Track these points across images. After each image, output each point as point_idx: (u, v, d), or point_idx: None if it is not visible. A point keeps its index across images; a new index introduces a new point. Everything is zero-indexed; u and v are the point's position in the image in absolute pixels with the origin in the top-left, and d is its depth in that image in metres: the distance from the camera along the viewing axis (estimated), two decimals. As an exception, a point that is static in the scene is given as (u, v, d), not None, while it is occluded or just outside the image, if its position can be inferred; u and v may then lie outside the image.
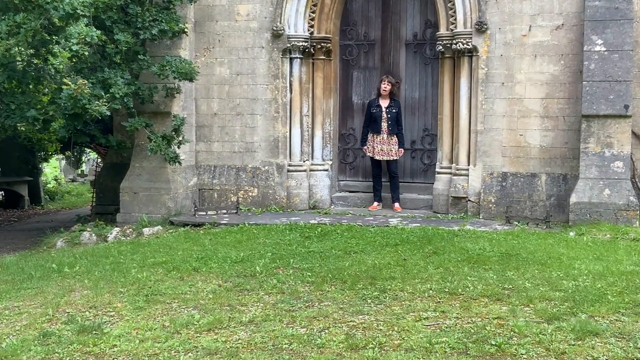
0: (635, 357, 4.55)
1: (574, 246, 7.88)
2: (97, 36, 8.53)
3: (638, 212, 9.00)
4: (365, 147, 10.78)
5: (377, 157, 10.69)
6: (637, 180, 9.60)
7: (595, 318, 5.29)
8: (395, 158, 10.65)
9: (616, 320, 5.25)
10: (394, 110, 10.63)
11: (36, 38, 8.72)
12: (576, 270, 6.68)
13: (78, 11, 8.43)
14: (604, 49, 9.30)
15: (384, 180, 10.89)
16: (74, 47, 8.34)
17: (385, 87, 10.58)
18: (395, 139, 10.64)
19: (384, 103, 10.64)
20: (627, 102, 9.17)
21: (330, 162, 11.30)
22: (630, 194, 9.05)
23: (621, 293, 5.87)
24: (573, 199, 9.20)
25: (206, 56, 11.06)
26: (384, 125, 10.60)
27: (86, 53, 8.60)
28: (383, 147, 10.63)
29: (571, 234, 8.70)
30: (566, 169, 9.81)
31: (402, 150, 10.73)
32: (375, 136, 10.66)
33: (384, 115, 10.60)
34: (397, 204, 10.70)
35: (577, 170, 9.47)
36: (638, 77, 9.57)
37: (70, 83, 8.47)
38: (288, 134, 10.97)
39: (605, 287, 6.06)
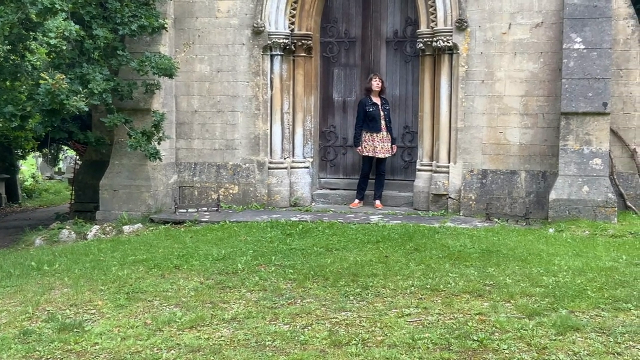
0: (615, 352, 4.60)
1: (554, 242, 7.95)
2: (75, 31, 8.44)
3: (616, 208, 9.10)
4: (360, 148, 10.67)
5: (379, 155, 10.60)
6: (615, 177, 9.70)
7: (576, 313, 5.34)
8: (389, 155, 10.69)
9: (596, 315, 5.31)
10: (387, 108, 10.65)
11: (13, 31, 8.61)
12: (556, 266, 6.74)
13: (56, 5, 8.34)
14: (583, 47, 9.38)
15: (369, 179, 10.89)
16: (52, 41, 8.24)
17: (378, 83, 10.56)
18: (389, 135, 10.66)
19: (378, 101, 10.62)
20: (606, 99, 9.26)
21: (311, 160, 11.29)
22: (609, 191, 9.14)
23: (601, 289, 5.93)
24: (552, 195, 9.27)
25: (186, 52, 11.00)
26: (383, 123, 10.58)
27: (64, 47, 8.50)
28: (384, 145, 10.60)
29: (550, 230, 8.77)
30: (545, 166, 9.89)
31: (395, 147, 10.76)
32: (375, 135, 10.57)
33: (381, 113, 10.59)
34: (378, 201, 10.72)
35: (556, 167, 9.55)
36: (616, 74, 9.66)
37: (48, 78, 8.37)
38: (269, 131, 10.95)
39: (585, 282, 6.11)
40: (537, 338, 4.82)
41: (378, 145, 10.60)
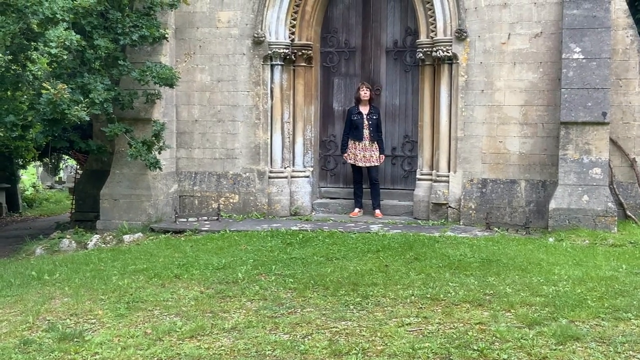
0: (615, 361, 4.61)
1: (554, 252, 7.95)
2: (76, 40, 8.47)
3: (616, 218, 9.10)
4: (346, 155, 10.80)
5: (359, 164, 10.71)
6: (615, 186, 9.71)
7: (576, 323, 5.34)
8: (376, 164, 10.69)
9: (596, 325, 5.31)
10: (374, 117, 10.67)
11: (15, 42, 8.65)
12: (556, 275, 6.74)
13: (57, 15, 8.37)
14: (582, 57, 9.41)
15: (364, 187, 10.92)
16: (53, 51, 8.27)
17: (365, 93, 10.62)
18: (376, 145, 10.67)
19: (365, 110, 10.68)
20: (605, 109, 9.28)
21: (311, 169, 11.31)
22: (609, 200, 9.15)
23: (601, 298, 5.93)
24: (552, 205, 9.28)
25: (187, 62, 11.04)
26: (366, 132, 10.63)
27: (65, 57, 8.53)
28: (365, 154, 10.65)
29: (550, 239, 8.77)
30: (545, 175, 9.90)
31: (383, 157, 10.77)
32: (357, 143, 10.68)
33: (366, 122, 10.63)
34: (378, 211, 10.73)
35: (556, 176, 9.56)
36: (616, 84, 9.69)
37: (49, 87, 8.40)
38: (269, 140, 10.97)
39: (585, 292, 6.12)
40: (537, 348, 4.82)
41: (359, 153, 10.66)
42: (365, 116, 10.63)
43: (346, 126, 10.85)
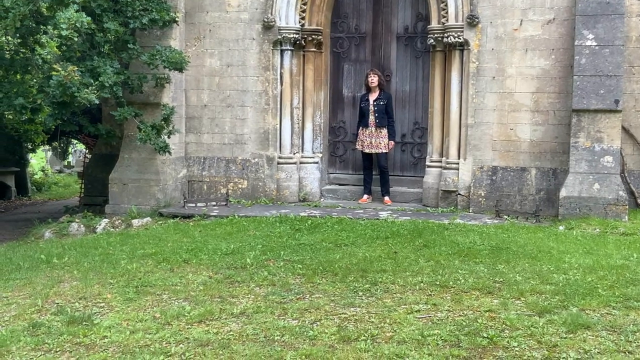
0: (626, 350, 4.57)
1: (564, 240, 7.90)
2: (87, 23, 8.43)
3: (627, 206, 9.04)
4: (357, 141, 10.79)
5: (366, 150, 10.68)
6: (626, 174, 9.64)
7: (586, 311, 5.31)
8: (384, 151, 10.62)
9: (607, 313, 5.27)
10: (381, 103, 10.59)
11: (24, 24, 8.61)
12: (566, 264, 6.70)
13: (68, -4, 8.35)
14: (595, 44, 9.31)
15: (374, 174, 10.88)
16: (64, 33, 8.23)
17: (373, 79, 10.56)
18: (384, 131, 10.60)
19: (372, 96, 10.63)
20: (618, 96, 9.20)
21: (320, 155, 11.27)
22: (620, 189, 9.08)
23: (612, 287, 5.89)
24: (563, 193, 9.22)
25: (196, 46, 11.00)
26: (371, 118, 10.58)
27: (75, 39, 8.50)
28: (372, 140, 10.60)
29: (561, 228, 8.72)
30: (556, 163, 9.83)
31: (393, 143, 10.70)
32: (364, 129, 10.65)
33: (371, 108, 10.58)
34: (387, 197, 10.70)
35: (567, 164, 9.49)
36: (628, 72, 9.60)
37: (60, 69, 8.37)
38: (278, 126, 10.93)
39: (596, 280, 6.08)
40: (548, 336, 4.80)
41: (366, 140, 10.64)
42: (371, 102, 10.58)
43: (358, 114, 10.83)
